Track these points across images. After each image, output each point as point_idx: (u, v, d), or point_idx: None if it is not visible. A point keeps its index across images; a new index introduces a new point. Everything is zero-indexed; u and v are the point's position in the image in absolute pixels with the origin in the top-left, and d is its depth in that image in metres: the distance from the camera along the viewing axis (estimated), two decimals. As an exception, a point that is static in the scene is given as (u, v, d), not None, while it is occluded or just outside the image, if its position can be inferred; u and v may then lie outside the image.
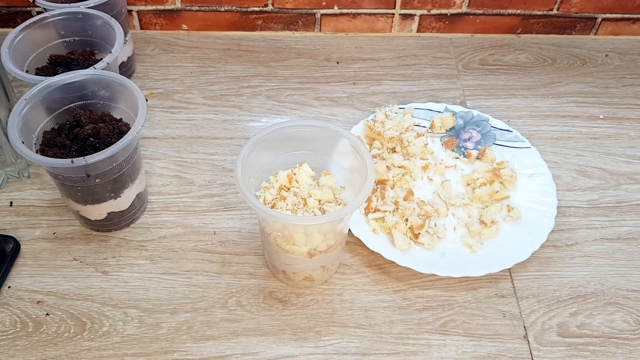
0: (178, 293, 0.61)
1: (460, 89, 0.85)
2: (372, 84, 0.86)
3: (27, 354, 0.56)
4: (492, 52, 0.92)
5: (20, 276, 0.62)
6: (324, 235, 0.55)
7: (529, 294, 0.62)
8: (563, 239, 0.67)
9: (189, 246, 0.65)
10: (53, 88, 0.62)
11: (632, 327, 0.60)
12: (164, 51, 0.90)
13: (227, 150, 0.76)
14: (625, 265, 0.65)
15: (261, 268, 0.64)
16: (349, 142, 0.58)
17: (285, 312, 0.60)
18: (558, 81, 0.87)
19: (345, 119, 0.80)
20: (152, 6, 0.91)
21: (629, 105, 0.83)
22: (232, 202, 0.70)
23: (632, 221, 0.69)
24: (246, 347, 0.57)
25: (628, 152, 0.77)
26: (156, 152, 0.75)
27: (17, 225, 0.67)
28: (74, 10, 0.71)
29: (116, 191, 0.62)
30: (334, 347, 0.57)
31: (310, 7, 0.91)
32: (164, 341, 0.57)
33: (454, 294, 0.62)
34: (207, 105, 0.82)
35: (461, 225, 0.67)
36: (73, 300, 0.60)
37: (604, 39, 0.94)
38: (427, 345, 0.58)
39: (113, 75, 0.63)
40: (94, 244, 0.65)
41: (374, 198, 0.67)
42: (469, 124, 0.77)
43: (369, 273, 0.63)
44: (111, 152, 0.56)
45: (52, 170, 0.58)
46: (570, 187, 0.72)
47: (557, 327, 0.59)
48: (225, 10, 0.92)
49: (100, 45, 0.73)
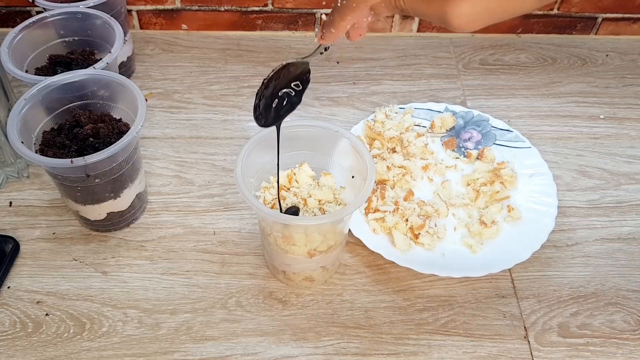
0: (178, 293, 0.61)
1: (460, 88, 0.85)
2: (372, 83, 0.86)
3: (27, 355, 0.56)
4: (492, 52, 0.92)
5: (20, 276, 0.62)
6: (324, 235, 0.55)
7: (530, 294, 0.62)
8: (563, 239, 0.67)
9: (189, 246, 0.65)
10: (52, 88, 0.62)
11: (632, 327, 0.59)
12: (164, 51, 0.90)
13: (227, 150, 0.76)
14: (626, 265, 0.65)
15: (261, 268, 0.63)
16: (349, 142, 0.57)
17: (285, 313, 0.60)
18: (558, 81, 0.87)
19: (345, 119, 0.80)
20: (152, 6, 0.91)
21: (630, 105, 0.83)
22: (231, 202, 0.70)
23: (632, 221, 0.69)
24: (246, 347, 0.57)
25: (628, 152, 0.77)
26: (156, 152, 0.75)
27: (16, 225, 0.67)
28: (73, 10, 0.71)
29: (116, 191, 0.62)
30: (334, 348, 0.57)
31: (310, 6, 0.91)
32: (164, 341, 0.57)
33: (454, 294, 0.62)
34: (206, 105, 0.82)
35: (461, 226, 0.67)
36: (72, 300, 0.60)
37: (604, 39, 0.94)
38: (427, 345, 0.58)
39: (113, 75, 0.63)
40: (94, 244, 0.65)
41: (374, 198, 0.66)
42: (469, 124, 0.77)
43: (369, 273, 0.63)
44: (111, 152, 0.55)
45: (52, 170, 0.58)
46: (570, 187, 0.72)
47: (557, 327, 0.59)
48: (225, 10, 0.91)
49: (100, 45, 0.73)
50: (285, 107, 0.53)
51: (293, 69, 0.51)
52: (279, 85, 0.52)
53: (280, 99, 0.52)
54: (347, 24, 0.47)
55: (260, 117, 0.52)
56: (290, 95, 0.53)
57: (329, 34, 0.48)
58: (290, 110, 0.53)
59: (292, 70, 0.51)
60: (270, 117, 0.53)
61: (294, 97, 0.53)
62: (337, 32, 0.48)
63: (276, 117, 0.53)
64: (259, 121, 0.53)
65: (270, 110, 0.53)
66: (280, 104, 0.53)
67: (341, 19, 0.47)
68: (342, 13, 0.47)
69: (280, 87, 0.52)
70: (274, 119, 0.53)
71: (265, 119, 0.53)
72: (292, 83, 0.52)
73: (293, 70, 0.51)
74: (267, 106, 0.52)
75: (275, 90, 0.52)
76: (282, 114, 0.53)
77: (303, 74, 0.52)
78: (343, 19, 0.47)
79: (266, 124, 0.53)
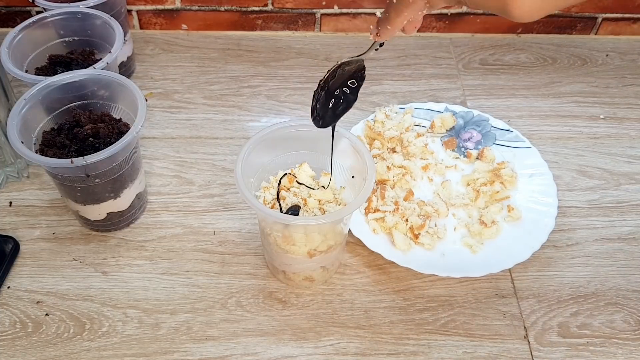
0: (178, 293, 0.61)
1: (460, 88, 0.85)
2: (372, 83, 0.86)
3: (27, 355, 0.56)
4: (492, 52, 0.92)
5: (20, 276, 0.62)
6: (324, 235, 0.55)
7: (530, 294, 0.62)
8: (563, 239, 0.67)
9: (189, 246, 0.65)
10: (52, 88, 0.62)
11: (632, 327, 0.59)
12: (164, 51, 0.90)
13: (227, 150, 0.76)
14: (626, 265, 0.65)
15: (261, 268, 0.63)
16: (349, 142, 0.57)
17: (285, 313, 0.60)
18: (558, 81, 0.87)
19: (345, 119, 0.79)
20: (152, 6, 0.91)
21: (630, 105, 0.83)
22: (231, 202, 0.70)
23: (632, 221, 0.69)
24: (246, 347, 0.57)
25: (628, 152, 0.77)
26: (156, 152, 0.75)
27: (16, 225, 0.67)
28: (73, 10, 0.71)
29: (116, 191, 0.62)
30: (334, 348, 0.57)
31: (310, 6, 0.91)
32: (164, 341, 0.57)
33: (454, 294, 0.62)
34: (206, 105, 0.82)
35: (461, 226, 0.67)
36: (72, 300, 0.60)
37: (604, 39, 0.94)
38: (427, 345, 0.58)
39: (112, 75, 0.63)
40: (94, 244, 0.65)
41: (374, 198, 0.66)
42: (469, 123, 0.77)
43: (369, 273, 0.63)
44: (111, 152, 0.55)
45: (52, 170, 0.58)
46: (570, 187, 0.72)
47: (557, 327, 0.59)
48: (225, 10, 0.91)
49: (100, 45, 0.73)
50: (342, 106, 0.53)
51: (348, 67, 0.52)
52: (335, 85, 0.52)
53: (337, 98, 0.53)
54: (403, 20, 0.47)
55: (317, 119, 0.53)
56: (346, 94, 0.53)
57: (385, 30, 0.48)
58: (347, 109, 0.53)
59: (347, 69, 0.52)
60: (327, 117, 0.53)
61: (349, 95, 0.53)
62: (394, 29, 0.47)
63: (333, 117, 0.54)
64: (316, 122, 0.53)
65: (327, 111, 0.53)
66: (336, 103, 0.53)
67: (397, 16, 0.46)
68: (398, 9, 0.46)
69: (336, 87, 0.52)
70: (332, 118, 0.54)
71: (323, 120, 0.53)
72: (347, 81, 0.52)
73: (348, 69, 0.52)
74: (324, 106, 0.53)
75: (331, 90, 0.52)
76: (338, 113, 0.53)
77: (358, 72, 0.52)
78: (399, 16, 0.46)
79: (324, 124, 0.54)
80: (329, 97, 0.52)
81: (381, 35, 0.49)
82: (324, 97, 0.52)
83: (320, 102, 0.52)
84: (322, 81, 0.51)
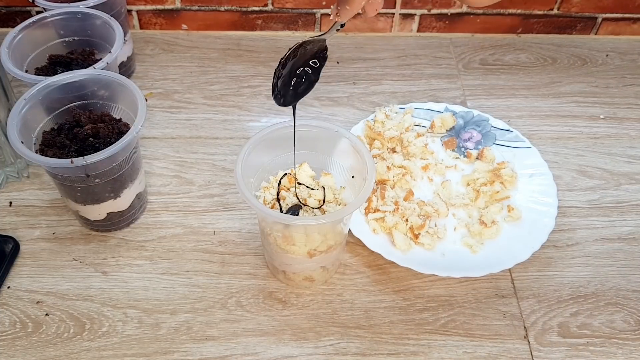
0: (178, 293, 0.61)
1: (460, 88, 0.85)
2: (372, 83, 0.86)
3: (27, 355, 0.56)
4: (492, 52, 0.92)
5: (20, 276, 0.62)
6: (324, 235, 0.55)
7: (530, 294, 0.62)
8: (563, 239, 0.67)
9: (189, 246, 0.65)
10: (52, 88, 0.62)
11: (632, 327, 0.59)
12: (164, 51, 0.90)
13: (227, 150, 0.76)
14: (626, 265, 0.65)
15: (261, 268, 0.63)
16: (349, 142, 0.57)
17: (285, 313, 0.60)
18: (558, 81, 0.87)
19: (345, 119, 0.80)
20: (152, 6, 0.91)
21: (630, 105, 0.83)
22: (231, 202, 0.70)
23: (632, 221, 0.69)
24: (246, 347, 0.57)
25: (629, 152, 0.77)
26: (156, 152, 0.75)
27: (16, 225, 0.67)
28: (73, 10, 0.71)
29: (116, 191, 0.62)
30: (334, 348, 0.57)
31: (310, 6, 0.91)
32: (164, 341, 0.57)
33: (454, 294, 0.62)
34: (206, 105, 0.82)
35: (461, 226, 0.67)
36: (72, 300, 0.60)
37: (604, 39, 0.94)
38: (428, 345, 0.58)
39: (113, 75, 0.63)
40: (94, 244, 0.65)
41: (374, 198, 0.66)
42: (470, 123, 0.77)
43: (369, 273, 0.63)
44: (111, 152, 0.55)
45: (52, 170, 0.58)
46: (570, 187, 0.72)
47: (557, 327, 0.59)
48: (225, 10, 0.91)
49: (100, 45, 0.73)
50: (303, 85, 0.53)
51: (310, 47, 0.51)
52: (297, 64, 0.52)
53: (299, 77, 0.52)
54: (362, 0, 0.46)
55: (278, 96, 0.53)
56: (308, 74, 0.52)
57: (344, 10, 0.48)
58: (308, 89, 0.53)
59: (308, 49, 0.51)
60: (288, 96, 0.53)
61: (311, 75, 0.53)
62: (353, 8, 0.47)
63: (295, 96, 0.53)
64: (277, 100, 0.53)
65: (288, 89, 0.53)
66: (298, 82, 0.53)
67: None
68: None
69: (298, 66, 0.52)
70: (293, 97, 0.53)
71: (284, 98, 0.53)
72: (309, 61, 0.52)
73: (310, 48, 0.51)
74: (285, 85, 0.52)
75: (293, 68, 0.52)
76: (300, 92, 0.53)
77: (320, 52, 0.52)
78: None
79: (285, 102, 0.53)
80: (291, 76, 0.52)
81: (341, 15, 0.48)
82: (286, 76, 0.52)
83: (282, 81, 0.52)
84: (283, 59, 0.50)
